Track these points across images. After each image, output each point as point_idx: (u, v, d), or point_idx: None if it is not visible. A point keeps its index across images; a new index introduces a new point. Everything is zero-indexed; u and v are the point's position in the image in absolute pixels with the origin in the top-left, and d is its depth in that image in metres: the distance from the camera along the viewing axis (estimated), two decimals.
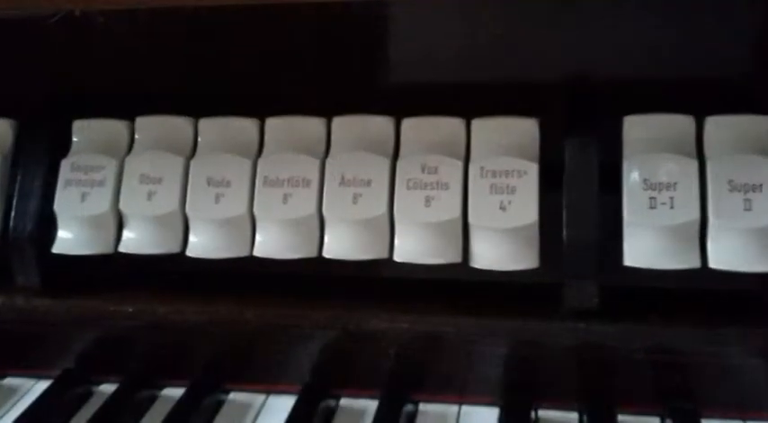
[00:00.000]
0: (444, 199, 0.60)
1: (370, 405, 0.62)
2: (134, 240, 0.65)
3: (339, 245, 0.61)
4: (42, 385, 0.67)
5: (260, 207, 0.63)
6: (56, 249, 0.66)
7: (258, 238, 0.63)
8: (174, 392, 0.65)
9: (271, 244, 0.62)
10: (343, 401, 0.64)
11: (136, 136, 0.68)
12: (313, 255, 0.62)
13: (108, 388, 0.67)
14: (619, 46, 0.60)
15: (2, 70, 0.68)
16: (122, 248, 0.65)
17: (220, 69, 0.65)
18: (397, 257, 0.61)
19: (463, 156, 0.61)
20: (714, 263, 0.56)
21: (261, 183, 0.63)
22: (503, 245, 0.59)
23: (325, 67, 0.64)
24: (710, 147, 0.59)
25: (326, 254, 0.62)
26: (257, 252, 0.63)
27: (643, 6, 0.58)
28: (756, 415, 0.58)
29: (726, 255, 0.56)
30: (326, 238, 0.62)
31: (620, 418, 0.59)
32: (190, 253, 0.64)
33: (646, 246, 0.57)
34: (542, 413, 0.61)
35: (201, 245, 0.64)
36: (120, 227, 0.66)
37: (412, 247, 0.60)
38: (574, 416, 0.60)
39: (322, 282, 0.67)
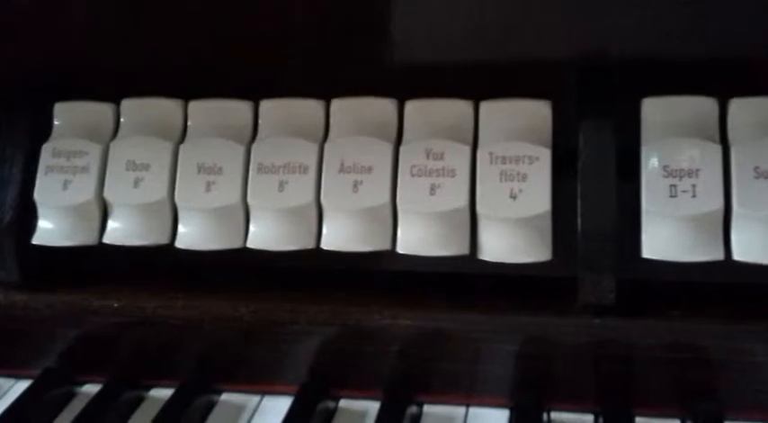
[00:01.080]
0: (451, 187, 0.59)
1: (372, 407, 0.61)
2: (120, 231, 0.64)
3: (338, 236, 0.60)
4: (22, 385, 0.66)
5: (254, 195, 0.62)
6: (36, 240, 0.65)
7: (252, 228, 0.62)
8: (163, 393, 0.64)
9: (265, 235, 0.62)
10: (343, 403, 0.63)
11: (121, 119, 0.66)
12: (311, 246, 0.61)
13: (92, 388, 0.66)
14: (637, 22, 0.58)
15: None
16: (107, 239, 0.64)
17: (212, 47, 0.64)
18: (401, 249, 0.60)
19: (471, 141, 0.60)
20: (738, 255, 0.55)
21: (255, 169, 0.62)
22: (513, 236, 0.58)
23: (324, 46, 0.63)
24: (735, 131, 0.57)
25: (325, 245, 0.61)
26: (251, 243, 0.62)
27: None
28: None
29: (751, 246, 0.55)
30: (325, 229, 0.61)
31: (639, 420, 0.58)
32: (179, 244, 0.63)
33: (666, 237, 0.56)
34: (555, 415, 0.60)
35: (191, 236, 0.63)
36: (104, 216, 0.65)
37: (416, 239, 0.59)
38: (589, 418, 0.59)
39: (320, 275, 0.66)
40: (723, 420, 0.57)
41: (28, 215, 0.65)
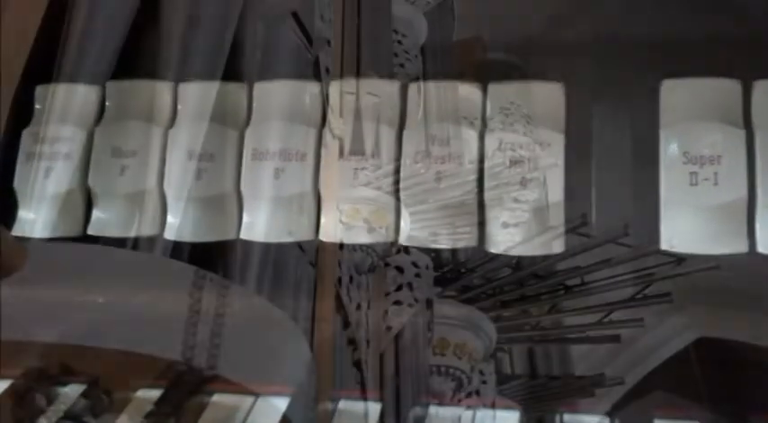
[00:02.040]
0: (457, 174, 0.57)
1: (373, 408, 0.59)
2: (105, 221, 0.63)
3: (339, 227, 0.59)
4: (2, 386, 0.63)
5: (248, 183, 0.60)
6: (16, 232, 0.63)
7: (246, 218, 0.61)
8: (153, 394, 0.63)
9: (260, 225, 0.60)
10: (343, 404, 0.61)
11: (106, 103, 0.65)
12: (309, 238, 0.59)
13: (76, 389, 0.63)
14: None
15: None
16: (92, 230, 0.63)
17: (205, 29, 0.62)
18: (404, 241, 0.58)
19: (479, 126, 0.59)
20: (763, 247, 0.53)
21: (249, 156, 0.60)
22: (524, 226, 0.56)
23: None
24: (759, 115, 0.55)
25: (324, 237, 0.59)
26: (245, 234, 0.60)
27: None
28: None
29: None
30: (324, 219, 0.59)
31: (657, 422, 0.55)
32: (168, 235, 0.62)
33: (686, 227, 0.55)
34: (568, 417, 0.56)
35: (181, 226, 0.61)
36: (88, 206, 0.63)
37: (421, 229, 0.58)
38: (603, 420, 0.56)
39: (319, 269, 0.64)
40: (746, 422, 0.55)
41: (7, 205, 0.63)
